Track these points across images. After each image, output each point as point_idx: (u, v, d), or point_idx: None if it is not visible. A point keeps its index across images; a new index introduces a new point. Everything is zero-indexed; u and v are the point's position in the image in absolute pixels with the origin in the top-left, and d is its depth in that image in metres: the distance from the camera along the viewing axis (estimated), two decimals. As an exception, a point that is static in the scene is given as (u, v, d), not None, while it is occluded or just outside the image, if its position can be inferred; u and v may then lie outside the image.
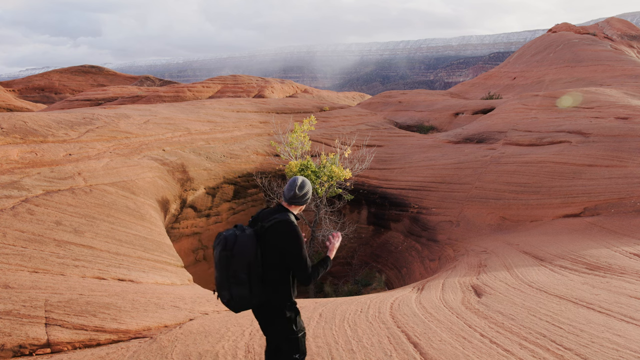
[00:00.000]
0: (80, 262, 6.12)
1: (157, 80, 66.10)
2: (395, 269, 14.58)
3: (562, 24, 51.38)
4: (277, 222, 2.99)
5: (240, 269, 2.87)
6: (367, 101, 41.76)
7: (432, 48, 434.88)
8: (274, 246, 2.97)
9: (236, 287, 2.88)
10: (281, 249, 2.97)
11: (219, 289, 2.94)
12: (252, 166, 16.47)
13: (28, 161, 9.48)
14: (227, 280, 2.88)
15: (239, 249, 2.87)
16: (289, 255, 2.97)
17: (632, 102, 19.95)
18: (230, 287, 2.88)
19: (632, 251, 8.08)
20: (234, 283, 2.88)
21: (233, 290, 2.88)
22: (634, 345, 4.24)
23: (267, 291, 2.99)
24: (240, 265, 2.87)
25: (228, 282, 2.88)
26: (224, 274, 2.88)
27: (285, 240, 2.97)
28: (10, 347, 3.74)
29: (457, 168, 16.43)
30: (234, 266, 2.86)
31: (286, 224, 2.99)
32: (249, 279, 2.89)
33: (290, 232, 2.97)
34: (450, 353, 4.29)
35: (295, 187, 3.13)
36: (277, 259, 2.98)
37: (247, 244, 2.90)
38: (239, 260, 2.87)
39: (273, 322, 3.08)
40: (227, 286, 2.89)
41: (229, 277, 2.87)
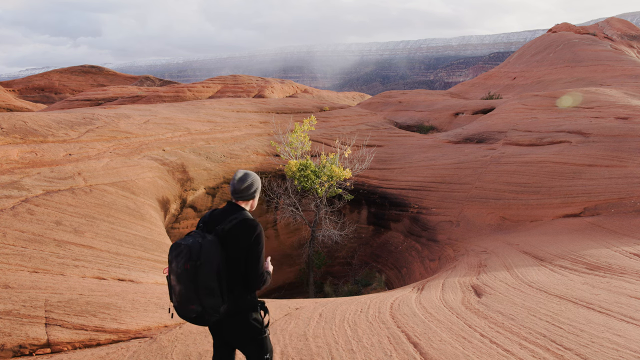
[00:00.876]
0: (80, 262, 6.12)
1: (157, 80, 66.11)
2: (395, 269, 14.58)
3: (562, 24, 51.38)
4: (238, 222, 2.84)
5: (210, 279, 2.67)
6: (367, 101, 41.75)
7: (432, 48, 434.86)
8: (238, 248, 2.81)
9: (208, 297, 2.67)
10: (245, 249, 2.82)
11: (184, 304, 2.69)
12: (252, 166, 16.47)
13: (28, 161, 9.48)
14: (196, 293, 2.65)
15: (206, 257, 2.67)
16: (251, 254, 2.82)
17: (632, 102, 19.94)
18: (200, 299, 2.66)
19: (632, 251, 8.08)
20: (205, 294, 2.66)
21: (205, 302, 2.67)
22: (634, 345, 4.24)
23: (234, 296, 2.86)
24: (209, 274, 2.67)
25: (197, 295, 2.65)
26: (191, 287, 2.64)
27: (249, 239, 2.82)
28: (10, 347, 3.74)
29: (457, 168, 16.43)
30: (203, 276, 2.64)
31: (249, 223, 2.85)
32: (220, 287, 2.72)
33: (256, 231, 2.84)
34: (450, 353, 4.29)
35: (235, 180, 2.98)
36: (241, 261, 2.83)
37: (213, 250, 2.72)
38: (207, 268, 2.66)
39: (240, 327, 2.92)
40: (196, 299, 2.65)
41: (198, 289, 2.64)
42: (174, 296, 2.74)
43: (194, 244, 2.68)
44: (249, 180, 2.98)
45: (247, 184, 2.97)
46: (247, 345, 3.00)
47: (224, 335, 3.01)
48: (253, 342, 2.99)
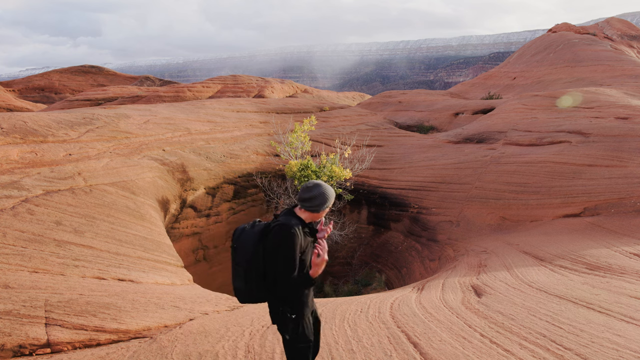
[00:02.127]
0: (80, 262, 6.12)
1: (157, 80, 66.07)
2: (395, 269, 14.57)
3: (562, 24, 51.37)
4: (277, 225, 2.90)
5: (241, 262, 2.91)
6: (367, 101, 41.74)
7: (432, 48, 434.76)
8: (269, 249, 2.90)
9: (238, 279, 2.94)
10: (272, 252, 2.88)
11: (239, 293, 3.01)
12: (252, 166, 16.47)
13: (28, 161, 9.48)
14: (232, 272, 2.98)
15: (241, 242, 2.92)
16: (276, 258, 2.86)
17: (632, 102, 19.94)
18: (234, 279, 2.97)
19: (632, 251, 8.08)
20: (235, 275, 2.95)
21: (235, 282, 2.96)
22: (634, 345, 4.24)
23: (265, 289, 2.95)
24: (241, 258, 2.91)
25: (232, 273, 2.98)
26: (232, 264, 2.98)
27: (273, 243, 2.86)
28: (10, 347, 3.74)
29: (457, 168, 16.43)
30: (237, 258, 2.93)
31: (283, 229, 2.84)
32: (245, 274, 2.88)
33: (282, 238, 2.83)
34: (450, 353, 4.29)
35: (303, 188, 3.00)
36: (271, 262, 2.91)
37: (249, 239, 2.90)
38: (240, 253, 2.91)
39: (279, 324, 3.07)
40: (232, 277, 2.98)
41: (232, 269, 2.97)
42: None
43: (240, 228, 3.00)
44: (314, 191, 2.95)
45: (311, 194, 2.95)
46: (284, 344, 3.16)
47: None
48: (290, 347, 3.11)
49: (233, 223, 15.43)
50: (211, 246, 14.36)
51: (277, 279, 2.87)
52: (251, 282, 2.89)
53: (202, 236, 14.09)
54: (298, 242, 2.83)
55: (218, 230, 14.75)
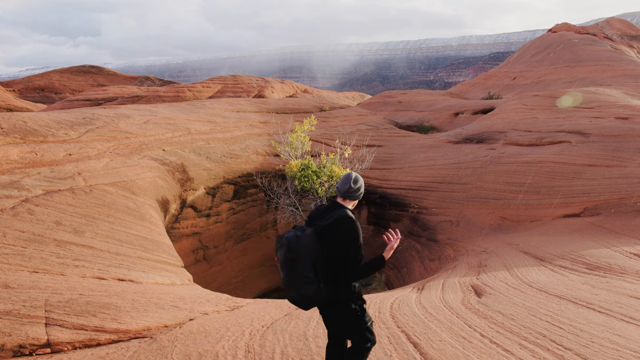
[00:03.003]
0: (80, 262, 6.12)
1: (157, 80, 66.07)
2: (395, 269, 14.57)
3: (562, 24, 51.38)
4: (336, 219, 3.05)
5: (307, 269, 2.94)
6: (367, 101, 41.74)
7: (431, 48, 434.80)
8: (334, 242, 3.01)
9: (305, 286, 2.94)
10: (341, 244, 3.01)
11: (286, 288, 3.02)
12: (252, 166, 16.47)
13: (28, 161, 9.48)
14: (294, 281, 2.96)
15: (302, 249, 2.94)
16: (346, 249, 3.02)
17: (632, 102, 19.94)
18: (298, 287, 2.95)
19: (632, 251, 8.08)
20: (302, 282, 2.94)
21: (302, 290, 2.95)
22: (634, 345, 4.24)
23: (332, 287, 3.05)
24: (305, 265, 2.94)
25: (296, 283, 2.95)
26: (291, 275, 2.96)
27: (343, 235, 3.02)
28: (10, 347, 3.74)
29: (457, 168, 16.43)
30: (300, 267, 2.93)
31: (346, 220, 3.05)
32: (316, 278, 2.96)
33: (350, 228, 3.03)
34: (450, 353, 4.29)
35: (350, 180, 3.19)
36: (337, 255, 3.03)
37: (308, 243, 2.97)
38: (303, 260, 2.94)
39: (342, 316, 3.15)
40: (294, 286, 2.96)
41: (296, 278, 2.95)
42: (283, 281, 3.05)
43: (292, 237, 2.97)
44: (360, 181, 3.23)
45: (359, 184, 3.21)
46: (349, 334, 3.23)
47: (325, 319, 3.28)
48: (354, 331, 3.19)
49: (233, 223, 15.44)
50: (211, 246, 14.37)
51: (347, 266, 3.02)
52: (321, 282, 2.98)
53: (202, 236, 14.09)
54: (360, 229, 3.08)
55: (218, 230, 14.75)
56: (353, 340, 3.26)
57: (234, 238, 15.40)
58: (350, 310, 3.12)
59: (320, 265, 2.98)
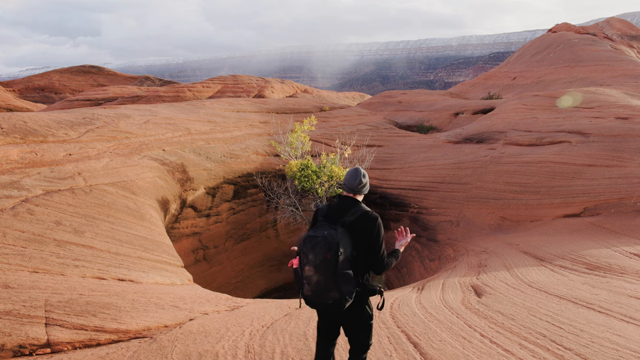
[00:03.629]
0: (80, 262, 6.12)
1: (157, 80, 66.05)
2: (395, 269, 14.58)
3: (562, 24, 51.38)
4: (363, 214, 3.08)
5: (347, 266, 2.91)
6: (367, 101, 41.74)
7: (432, 48, 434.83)
8: (362, 237, 3.03)
9: (347, 284, 2.89)
10: (368, 239, 3.04)
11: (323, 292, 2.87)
12: (252, 166, 16.47)
13: (28, 161, 9.48)
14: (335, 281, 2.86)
15: (343, 246, 2.89)
16: (374, 244, 3.06)
17: (632, 102, 19.94)
18: (339, 287, 2.87)
19: (632, 251, 8.08)
20: (345, 281, 2.89)
21: (344, 288, 2.88)
22: (634, 345, 4.24)
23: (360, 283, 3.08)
24: (346, 262, 2.91)
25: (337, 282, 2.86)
26: (331, 275, 2.84)
27: (372, 230, 3.05)
28: (10, 347, 3.74)
29: (457, 168, 16.43)
30: (341, 264, 2.87)
31: (372, 215, 3.10)
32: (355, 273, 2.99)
33: (377, 223, 3.09)
34: (450, 353, 4.29)
35: (359, 175, 3.22)
36: (362, 250, 3.05)
37: (347, 239, 2.95)
38: (344, 257, 2.89)
39: (355, 311, 3.12)
40: (335, 287, 2.86)
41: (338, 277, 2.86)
42: (310, 286, 2.90)
43: (329, 234, 2.88)
44: (367, 176, 3.30)
45: (366, 179, 3.27)
46: (360, 329, 3.22)
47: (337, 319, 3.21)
48: (365, 326, 3.21)
49: (233, 223, 15.44)
50: (211, 246, 14.37)
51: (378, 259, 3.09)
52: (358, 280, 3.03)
53: (202, 236, 14.09)
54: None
55: (218, 230, 14.75)
56: (359, 337, 3.24)
57: (234, 238, 15.40)
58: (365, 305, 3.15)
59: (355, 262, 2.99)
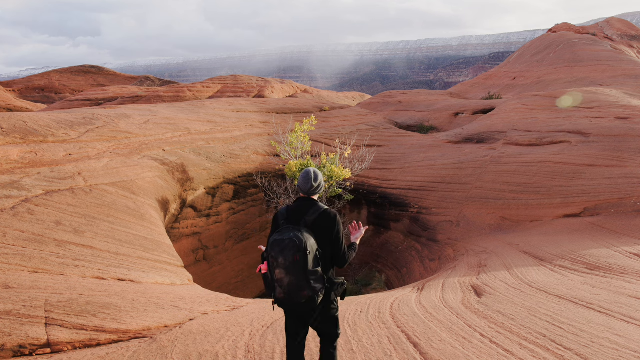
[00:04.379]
0: (80, 262, 6.12)
1: (157, 80, 66.03)
2: (395, 269, 14.57)
3: (562, 24, 51.38)
4: (323, 212, 3.24)
5: (315, 265, 3.05)
6: (367, 101, 41.74)
7: (431, 48, 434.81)
8: (324, 235, 3.19)
9: (317, 282, 3.05)
10: (329, 236, 3.21)
11: (295, 292, 3.00)
12: (252, 166, 16.47)
13: (28, 161, 9.48)
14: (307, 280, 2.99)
15: (309, 246, 3.01)
16: (335, 240, 3.24)
17: (632, 102, 19.94)
18: (311, 285, 3.01)
19: (632, 251, 8.08)
20: (315, 279, 3.03)
21: (315, 286, 3.04)
22: (634, 345, 4.24)
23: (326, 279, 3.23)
24: (314, 261, 3.04)
25: (308, 281, 3.00)
26: (302, 275, 2.98)
27: (333, 228, 3.23)
28: (10, 347, 3.74)
29: (457, 168, 16.43)
30: (310, 264, 3.00)
31: (331, 213, 3.27)
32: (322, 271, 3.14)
33: (337, 220, 3.27)
34: (450, 353, 4.29)
35: (310, 179, 3.32)
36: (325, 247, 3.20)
37: (312, 239, 3.09)
38: (312, 256, 3.02)
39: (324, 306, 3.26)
40: (307, 285, 3.00)
41: (309, 276, 3.00)
42: (282, 288, 3.03)
43: (296, 236, 3.00)
44: (320, 177, 3.38)
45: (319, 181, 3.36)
46: (327, 322, 3.35)
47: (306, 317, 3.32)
48: (332, 319, 3.37)
49: (233, 223, 15.44)
50: (211, 246, 14.37)
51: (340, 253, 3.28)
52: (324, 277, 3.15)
53: (202, 236, 14.09)
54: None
55: (218, 230, 14.75)
56: (326, 330, 3.40)
57: (234, 238, 15.40)
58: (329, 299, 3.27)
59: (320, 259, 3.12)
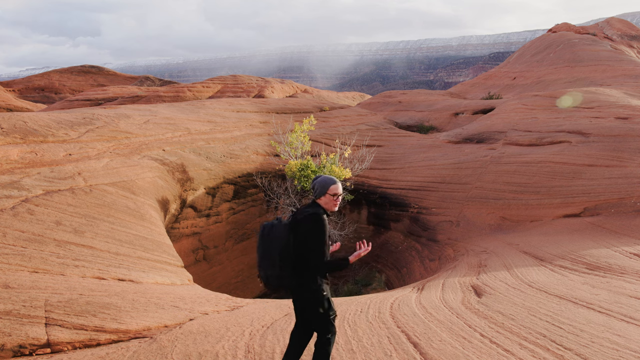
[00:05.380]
0: (80, 262, 6.12)
1: (157, 80, 66.02)
2: (395, 269, 14.57)
3: (562, 24, 51.38)
4: (308, 214, 3.43)
5: (274, 253, 3.32)
6: (367, 101, 41.74)
7: (432, 48, 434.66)
8: (303, 235, 3.38)
9: (271, 268, 3.33)
10: (309, 238, 3.37)
11: (258, 268, 3.40)
12: (252, 166, 16.47)
13: (28, 161, 9.48)
14: (263, 262, 3.36)
15: (273, 235, 3.34)
16: (312, 242, 3.37)
17: (632, 102, 19.94)
18: (266, 268, 3.35)
19: (632, 251, 8.08)
20: (269, 265, 3.33)
21: (268, 271, 3.34)
22: (634, 345, 4.24)
23: (296, 275, 3.39)
24: (274, 249, 3.32)
25: (264, 264, 3.35)
26: (261, 256, 3.37)
27: (311, 230, 3.37)
28: (10, 347, 3.74)
29: (457, 168, 16.43)
30: (269, 250, 3.33)
31: (316, 217, 3.41)
32: (280, 263, 3.32)
33: (314, 225, 3.38)
34: (450, 353, 4.29)
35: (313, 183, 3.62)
36: (304, 248, 3.38)
37: (280, 231, 3.35)
38: (273, 245, 3.32)
39: (305, 305, 3.49)
40: (263, 267, 3.36)
41: (265, 259, 3.34)
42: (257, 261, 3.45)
43: (269, 224, 3.41)
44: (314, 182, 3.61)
45: (312, 185, 3.62)
46: (313, 320, 3.53)
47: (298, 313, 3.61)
48: (317, 320, 3.48)
49: (233, 223, 15.44)
50: (211, 246, 14.37)
51: (312, 259, 3.36)
52: (285, 268, 3.34)
53: (202, 236, 14.09)
54: (327, 226, 3.43)
55: (218, 230, 14.75)
56: (315, 328, 3.54)
57: (234, 238, 15.40)
58: (317, 298, 3.40)
59: (285, 253, 3.32)
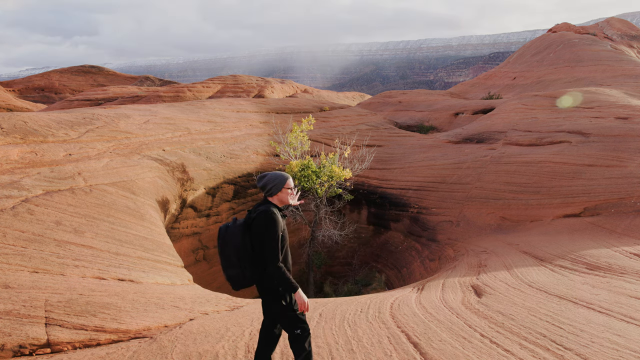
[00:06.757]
0: (80, 262, 6.12)
1: (157, 80, 66.03)
2: (395, 269, 14.57)
3: (562, 24, 51.39)
4: (259, 213, 3.46)
5: (232, 254, 3.40)
6: (367, 101, 41.75)
7: (432, 48, 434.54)
8: (256, 233, 3.43)
9: (231, 268, 3.42)
10: (260, 235, 3.40)
11: (222, 269, 3.48)
12: (252, 166, 16.47)
13: (28, 161, 9.48)
14: (224, 263, 3.45)
15: (228, 237, 3.42)
16: (263, 240, 3.39)
17: (632, 102, 19.95)
18: (227, 269, 3.44)
19: (632, 251, 8.09)
20: (229, 265, 3.42)
21: (229, 271, 3.44)
22: (634, 345, 4.24)
23: (257, 273, 3.46)
24: (231, 250, 3.40)
25: (225, 264, 3.44)
26: (221, 258, 3.46)
27: (261, 229, 3.40)
28: (10, 347, 3.74)
29: (457, 168, 16.43)
30: (226, 251, 3.42)
31: (266, 214, 3.43)
32: (239, 263, 3.41)
33: (265, 222, 3.41)
34: (450, 353, 4.29)
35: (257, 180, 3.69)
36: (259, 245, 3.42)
37: (234, 233, 3.43)
38: (229, 246, 3.40)
39: (268, 301, 3.56)
40: (225, 267, 3.45)
41: (225, 260, 3.43)
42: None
43: (224, 226, 3.50)
44: (264, 179, 3.63)
45: (261, 183, 3.61)
46: (279, 318, 3.59)
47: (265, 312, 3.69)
48: (283, 316, 3.54)
49: (233, 223, 15.42)
50: (211, 246, 14.36)
51: (267, 256, 3.38)
52: (245, 268, 3.42)
53: (202, 236, 14.09)
54: (279, 222, 3.46)
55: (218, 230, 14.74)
56: (281, 325, 3.60)
57: (234, 238, 15.40)
58: (275, 296, 3.46)
59: (242, 253, 3.40)
